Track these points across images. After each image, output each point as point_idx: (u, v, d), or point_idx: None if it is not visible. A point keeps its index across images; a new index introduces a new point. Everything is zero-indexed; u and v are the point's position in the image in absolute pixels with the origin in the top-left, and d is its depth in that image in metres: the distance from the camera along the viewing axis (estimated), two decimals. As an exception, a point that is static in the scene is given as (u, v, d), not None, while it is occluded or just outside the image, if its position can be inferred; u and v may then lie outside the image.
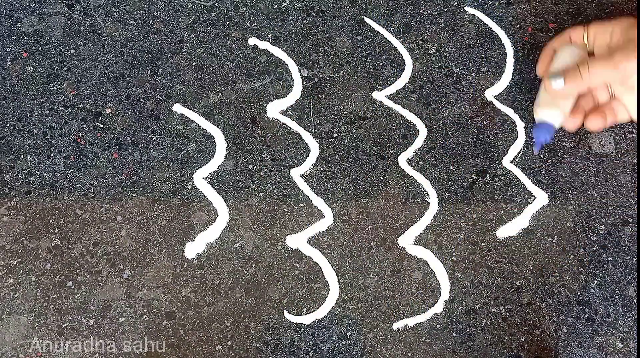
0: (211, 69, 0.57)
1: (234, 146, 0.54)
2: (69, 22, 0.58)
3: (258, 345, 0.49)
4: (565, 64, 0.49)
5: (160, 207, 0.52)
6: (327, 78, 0.57)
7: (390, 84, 0.56)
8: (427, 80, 0.57)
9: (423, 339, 0.49)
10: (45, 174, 0.53)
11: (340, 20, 0.58)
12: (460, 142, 0.55)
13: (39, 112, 0.55)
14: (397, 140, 0.55)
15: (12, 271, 0.50)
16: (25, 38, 0.57)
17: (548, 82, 0.48)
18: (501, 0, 0.59)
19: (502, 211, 0.52)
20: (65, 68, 0.56)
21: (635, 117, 0.49)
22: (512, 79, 0.57)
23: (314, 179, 0.54)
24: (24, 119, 0.55)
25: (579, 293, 0.50)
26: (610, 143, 0.55)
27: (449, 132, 0.55)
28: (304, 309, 0.50)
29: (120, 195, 0.53)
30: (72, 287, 0.50)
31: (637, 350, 0.48)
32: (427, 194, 0.53)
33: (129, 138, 0.54)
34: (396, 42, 0.58)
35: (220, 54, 0.57)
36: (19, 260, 0.50)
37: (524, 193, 0.53)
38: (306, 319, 0.49)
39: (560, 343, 0.49)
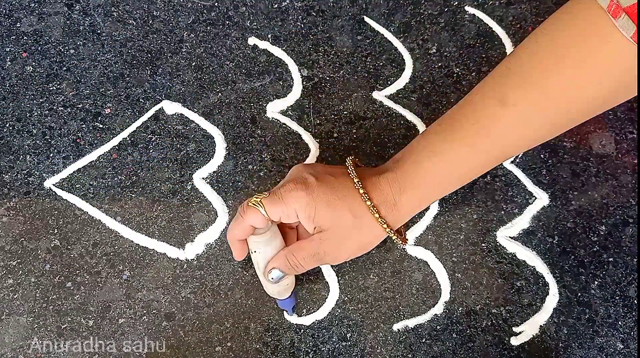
0: (211, 69, 0.57)
1: (233, 146, 0.54)
2: (68, 22, 0.58)
3: (258, 346, 0.49)
4: (268, 255, 0.45)
5: (160, 207, 0.52)
6: (327, 78, 0.56)
7: (390, 84, 0.56)
8: (428, 80, 0.56)
9: (423, 340, 0.49)
10: (44, 174, 0.53)
11: (340, 20, 0.58)
12: (461, 142, 0.55)
13: (39, 112, 0.55)
14: (397, 140, 0.55)
15: (11, 272, 0.50)
16: (25, 38, 0.57)
17: (269, 281, 0.45)
18: (501, 0, 0.59)
19: (503, 212, 0.52)
20: (65, 68, 0.56)
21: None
22: (513, 79, 0.57)
23: (314, 180, 0.53)
24: (24, 119, 0.55)
25: (579, 294, 0.50)
26: (610, 143, 0.55)
27: (450, 133, 0.55)
28: (304, 310, 0.50)
29: (120, 195, 0.52)
30: (72, 288, 0.50)
31: (637, 351, 0.48)
32: (428, 195, 0.53)
33: (128, 138, 0.54)
34: (396, 42, 0.58)
35: (220, 54, 0.57)
36: (19, 260, 0.50)
37: (525, 194, 0.53)
38: (306, 320, 0.49)
39: (560, 344, 0.49)
